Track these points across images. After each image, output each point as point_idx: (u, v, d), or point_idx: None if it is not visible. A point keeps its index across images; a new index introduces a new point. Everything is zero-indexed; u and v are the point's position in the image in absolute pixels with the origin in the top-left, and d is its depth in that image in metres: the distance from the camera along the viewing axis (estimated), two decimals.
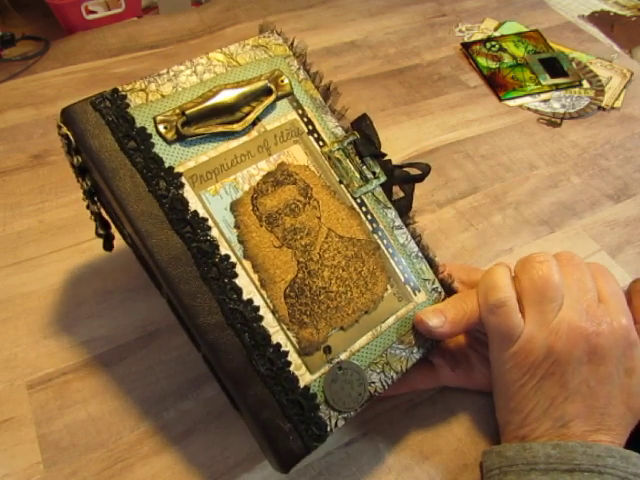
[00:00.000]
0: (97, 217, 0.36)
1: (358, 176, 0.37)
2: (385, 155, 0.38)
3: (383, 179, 0.37)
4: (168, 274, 0.31)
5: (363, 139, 0.37)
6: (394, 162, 0.39)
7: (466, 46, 0.73)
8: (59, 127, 0.32)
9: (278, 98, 0.36)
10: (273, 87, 0.35)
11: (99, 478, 0.35)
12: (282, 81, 0.36)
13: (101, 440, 0.37)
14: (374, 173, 0.37)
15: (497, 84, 0.68)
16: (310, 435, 0.31)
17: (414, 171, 0.40)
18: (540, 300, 0.33)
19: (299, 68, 0.38)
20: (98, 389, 0.39)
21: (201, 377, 0.40)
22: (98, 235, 0.37)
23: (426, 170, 0.39)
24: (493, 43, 0.74)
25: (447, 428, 0.39)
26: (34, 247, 0.47)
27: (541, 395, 0.33)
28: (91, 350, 0.41)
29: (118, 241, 0.48)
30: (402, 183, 0.39)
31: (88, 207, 0.35)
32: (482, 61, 0.71)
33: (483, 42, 0.74)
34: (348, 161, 0.37)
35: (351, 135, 0.37)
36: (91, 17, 0.71)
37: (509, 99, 0.66)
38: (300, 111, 0.37)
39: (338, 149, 0.37)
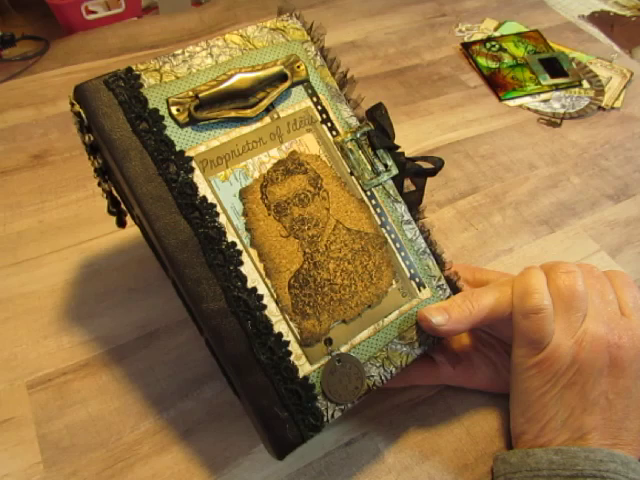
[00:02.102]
0: (108, 195, 0.36)
1: (370, 168, 0.36)
2: (398, 147, 0.38)
3: (395, 172, 0.37)
4: (174, 258, 0.31)
5: (377, 130, 0.37)
6: None
7: (466, 46, 0.73)
8: (72, 104, 0.32)
9: (293, 84, 0.36)
10: (289, 73, 0.35)
11: (99, 478, 0.35)
12: (298, 67, 0.36)
13: (101, 440, 0.37)
14: (386, 166, 0.37)
15: (497, 84, 0.68)
16: (306, 424, 0.31)
17: (426, 165, 0.39)
18: (566, 309, 0.33)
19: (316, 54, 0.37)
20: (98, 389, 0.39)
21: (201, 377, 0.40)
22: (110, 212, 0.37)
23: (439, 164, 0.39)
24: (493, 43, 0.74)
25: (447, 428, 0.39)
26: (34, 247, 0.47)
27: (561, 405, 0.33)
28: (91, 350, 0.41)
29: (119, 241, 0.48)
30: (414, 177, 0.38)
31: (99, 185, 0.35)
32: (482, 61, 0.71)
33: (483, 42, 0.74)
34: (360, 152, 0.36)
35: (365, 126, 0.37)
36: (91, 17, 0.71)
37: (509, 99, 0.66)
38: (315, 99, 0.36)
39: (351, 140, 0.36)
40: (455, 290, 0.37)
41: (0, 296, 0.44)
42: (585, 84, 0.68)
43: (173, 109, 0.32)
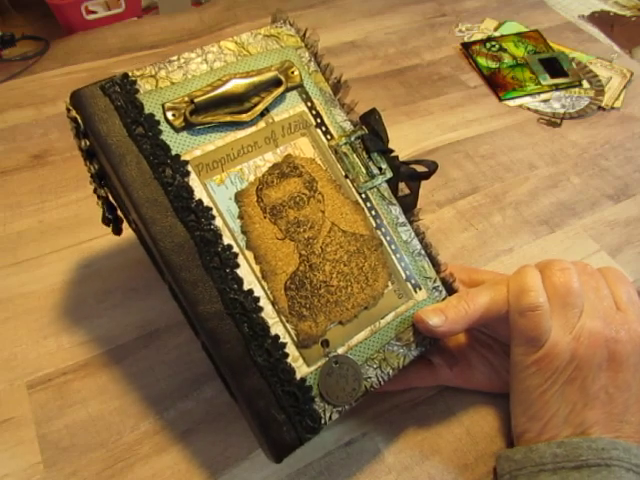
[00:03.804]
0: (104, 201, 0.36)
1: (364, 171, 0.37)
2: (392, 151, 0.38)
3: (389, 175, 0.37)
4: (170, 261, 0.31)
5: (371, 134, 0.37)
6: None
7: (466, 46, 0.73)
8: (68, 110, 0.32)
9: (288, 89, 0.36)
10: (283, 78, 0.35)
11: (99, 478, 0.35)
12: (292, 72, 0.36)
13: (101, 440, 0.37)
14: (380, 169, 0.37)
15: (497, 84, 0.68)
16: (304, 427, 0.31)
17: (421, 168, 0.39)
18: (563, 306, 0.33)
19: (310, 60, 0.38)
20: (98, 389, 0.39)
21: (201, 377, 0.40)
22: (105, 220, 0.37)
23: (432, 167, 0.39)
24: (493, 43, 0.74)
25: (447, 428, 0.39)
26: (34, 247, 0.47)
27: (562, 401, 0.33)
28: (91, 350, 0.41)
29: (119, 241, 0.48)
30: (408, 180, 0.39)
31: (95, 191, 0.35)
32: (482, 61, 0.71)
33: (483, 42, 0.74)
34: (355, 156, 0.37)
35: (359, 130, 0.37)
36: (91, 17, 0.71)
37: (509, 99, 0.66)
38: (309, 103, 0.37)
39: (345, 143, 0.36)
40: (451, 291, 0.37)
41: (0, 296, 0.44)
42: (585, 84, 0.68)
43: (169, 114, 0.32)
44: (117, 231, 0.39)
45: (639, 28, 0.80)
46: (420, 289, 0.36)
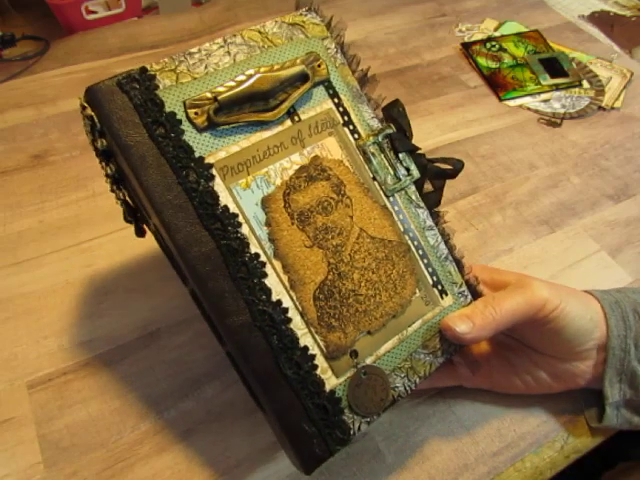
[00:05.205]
0: (123, 203, 0.34)
1: (392, 173, 0.35)
2: (419, 149, 0.37)
3: (417, 176, 0.36)
4: (197, 271, 0.29)
5: (399, 132, 0.35)
6: None
7: (466, 46, 0.73)
8: (83, 107, 0.29)
9: (314, 85, 0.34)
10: (310, 73, 0.33)
11: (99, 478, 0.35)
12: (319, 66, 0.34)
13: (101, 440, 0.37)
14: (408, 169, 0.35)
15: (497, 84, 0.68)
16: (334, 439, 0.31)
17: (444, 166, 0.39)
18: None
19: (336, 51, 0.35)
20: (98, 389, 0.39)
21: (201, 377, 0.40)
22: (127, 221, 0.35)
23: (458, 166, 0.38)
24: (493, 43, 0.74)
25: (447, 428, 0.39)
26: (34, 247, 0.47)
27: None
28: (91, 350, 0.41)
29: (119, 241, 0.48)
30: (434, 179, 0.37)
31: (112, 191, 0.33)
32: (482, 61, 0.71)
33: (483, 42, 0.74)
34: (382, 156, 0.35)
35: (387, 128, 0.35)
36: (91, 17, 0.71)
37: (509, 99, 0.66)
38: (336, 100, 0.34)
39: (373, 143, 0.35)
40: (475, 295, 0.36)
41: (0, 296, 0.44)
42: (585, 84, 0.68)
43: (191, 112, 0.30)
44: (140, 233, 0.36)
45: (639, 28, 0.80)
46: (446, 295, 0.35)
